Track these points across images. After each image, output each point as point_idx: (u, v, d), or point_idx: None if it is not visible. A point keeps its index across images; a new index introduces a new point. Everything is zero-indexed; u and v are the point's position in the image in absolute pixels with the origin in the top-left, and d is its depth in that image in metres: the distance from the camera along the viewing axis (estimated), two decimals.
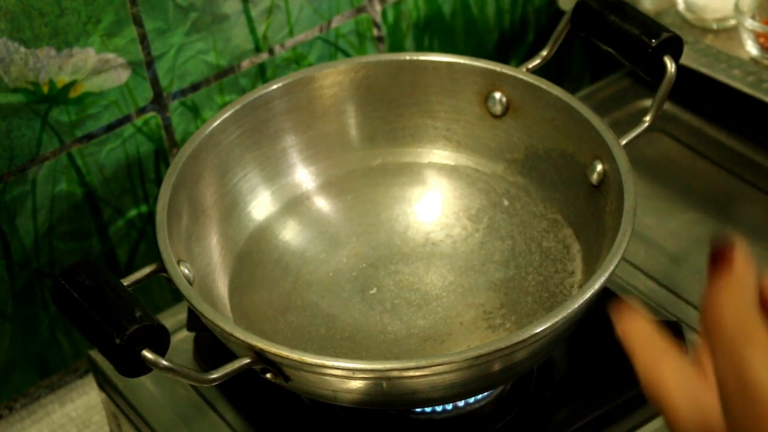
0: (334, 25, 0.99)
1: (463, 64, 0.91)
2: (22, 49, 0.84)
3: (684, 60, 1.00)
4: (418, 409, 0.82)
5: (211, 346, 0.86)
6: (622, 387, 0.83)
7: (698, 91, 1.04)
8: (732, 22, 1.03)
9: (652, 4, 1.07)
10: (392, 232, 0.91)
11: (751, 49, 0.99)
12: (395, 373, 0.72)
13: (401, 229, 0.92)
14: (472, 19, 1.07)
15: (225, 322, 0.74)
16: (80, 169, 0.91)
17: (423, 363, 0.72)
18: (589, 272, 0.83)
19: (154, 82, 0.92)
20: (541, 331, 0.72)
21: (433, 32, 1.06)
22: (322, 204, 0.93)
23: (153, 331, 0.70)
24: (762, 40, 0.98)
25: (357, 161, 0.94)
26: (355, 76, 0.92)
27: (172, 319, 0.92)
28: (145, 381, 0.88)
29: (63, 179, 0.90)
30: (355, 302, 0.86)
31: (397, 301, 0.86)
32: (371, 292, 0.87)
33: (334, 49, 1.00)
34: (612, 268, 0.76)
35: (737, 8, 0.99)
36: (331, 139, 0.93)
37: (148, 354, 0.70)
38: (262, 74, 0.97)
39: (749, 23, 0.98)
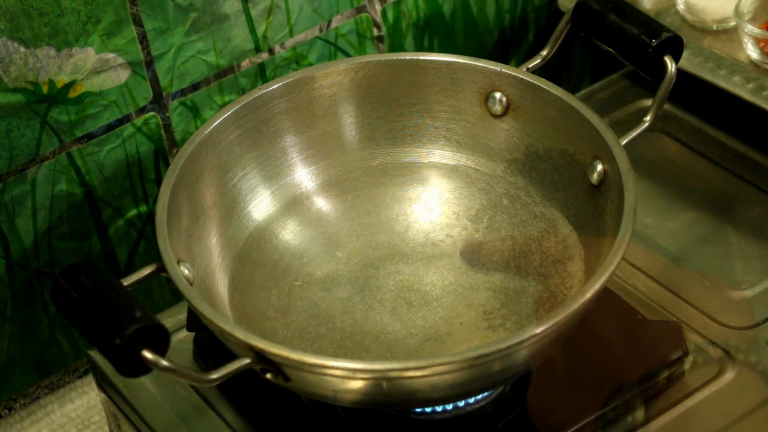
0: (333, 25, 0.99)
1: (463, 64, 0.91)
2: (22, 49, 0.84)
3: (685, 65, 1.00)
4: (418, 409, 0.82)
5: (211, 346, 0.86)
6: (622, 387, 0.83)
7: (699, 96, 1.04)
8: (732, 23, 1.03)
9: (651, 4, 1.07)
10: (392, 232, 0.91)
11: (752, 52, 0.99)
12: (395, 373, 0.72)
13: (401, 229, 0.91)
14: (472, 19, 1.07)
15: (225, 322, 0.74)
16: (80, 169, 0.91)
17: (423, 363, 0.72)
18: (589, 272, 0.83)
19: (154, 81, 0.92)
20: (541, 331, 0.72)
21: (433, 32, 1.06)
22: (322, 204, 0.93)
23: (153, 331, 0.70)
24: (762, 44, 0.98)
25: (357, 161, 0.94)
26: (355, 76, 0.92)
27: (172, 319, 0.92)
28: (145, 381, 0.88)
29: (63, 179, 0.90)
30: (355, 302, 0.86)
31: (397, 301, 0.86)
32: (371, 292, 0.87)
33: (334, 49, 1.00)
34: (612, 268, 0.75)
35: (737, 12, 0.98)
36: (331, 139, 0.93)
37: (148, 354, 0.70)
38: (262, 74, 0.97)
39: (749, 28, 0.98)
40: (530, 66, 0.91)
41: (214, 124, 0.88)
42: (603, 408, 0.82)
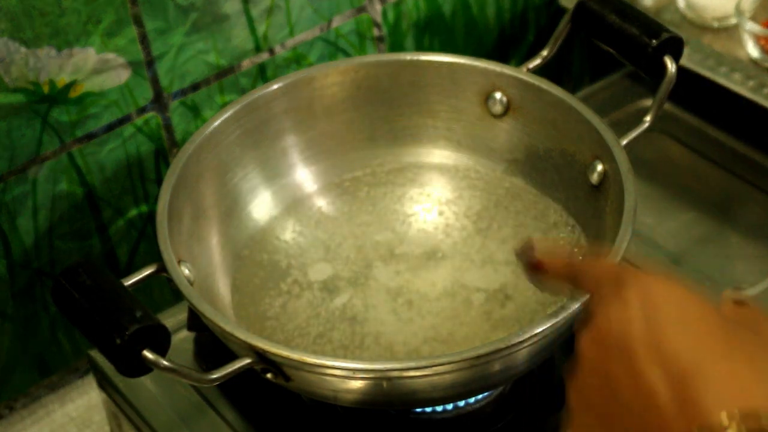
0: (334, 25, 0.99)
1: (464, 64, 0.91)
2: (23, 49, 0.84)
3: (685, 62, 1.00)
4: (418, 409, 0.82)
5: (212, 346, 0.86)
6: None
7: (699, 94, 1.04)
8: (732, 21, 1.03)
9: (652, 1, 1.07)
10: (392, 232, 0.91)
11: (752, 51, 0.99)
12: (395, 373, 0.72)
13: (401, 229, 0.92)
14: (472, 19, 1.07)
15: (226, 322, 0.75)
16: (80, 169, 0.91)
17: (423, 363, 0.72)
18: None
19: (155, 81, 0.92)
20: (541, 331, 0.73)
21: (433, 32, 1.06)
22: (322, 204, 0.93)
23: (153, 331, 0.71)
24: (763, 42, 0.98)
25: (357, 161, 0.94)
26: (355, 76, 0.92)
27: (173, 319, 0.92)
28: (145, 381, 0.88)
29: (63, 179, 0.90)
30: (355, 302, 0.86)
31: (398, 301, 0.86)
32: (371, 292, 0.87)
33: (334, 49, 1.00)
34: None
35: (738, 9, 0.99)
36: (331, 139, 0.93)
37: (148, 354, 0.70)
38: (262, 74, 0.97)
39: (750, 26, 0.98)
40: (530, 66, 0.91)
41: (215, 124, 0.88)
42: None
